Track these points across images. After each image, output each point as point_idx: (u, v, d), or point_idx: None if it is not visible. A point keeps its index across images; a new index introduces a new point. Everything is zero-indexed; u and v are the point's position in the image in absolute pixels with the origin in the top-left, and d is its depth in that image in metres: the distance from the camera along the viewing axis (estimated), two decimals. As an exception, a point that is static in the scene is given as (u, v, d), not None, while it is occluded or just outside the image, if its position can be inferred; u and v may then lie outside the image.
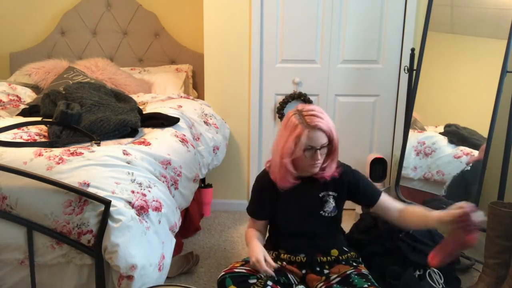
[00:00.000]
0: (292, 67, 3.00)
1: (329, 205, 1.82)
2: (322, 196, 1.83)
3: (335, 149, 1.76)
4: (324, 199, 1.83)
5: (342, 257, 1.83)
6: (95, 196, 1.52)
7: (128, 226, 1.53)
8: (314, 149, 1.68)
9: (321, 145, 1.69)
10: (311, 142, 1.67)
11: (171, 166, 2.02)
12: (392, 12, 2.88)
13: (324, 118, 1.69)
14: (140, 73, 3.48)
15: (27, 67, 3.28)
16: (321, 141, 1.68)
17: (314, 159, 1.70)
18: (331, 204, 1.83)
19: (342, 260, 1.82)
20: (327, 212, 1.82)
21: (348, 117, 3.05)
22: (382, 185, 2.94)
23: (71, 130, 2.04)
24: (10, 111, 2.62)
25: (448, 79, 2.66)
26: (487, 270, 2.09)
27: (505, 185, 2.24)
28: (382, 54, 2.95)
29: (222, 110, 3.04)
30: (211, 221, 3.01)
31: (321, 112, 1.71)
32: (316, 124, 1.66)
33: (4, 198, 1.57)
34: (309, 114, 1.68)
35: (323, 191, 1.83)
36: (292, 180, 1.77)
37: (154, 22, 3.57)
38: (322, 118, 1.68)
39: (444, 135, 2.64)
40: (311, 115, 1.68)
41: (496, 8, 2.38)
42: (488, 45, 2.44)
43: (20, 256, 1.59)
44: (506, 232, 2.01)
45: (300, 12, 2.92)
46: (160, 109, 2.51)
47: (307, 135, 1.66)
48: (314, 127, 1.66)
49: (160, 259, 1.65)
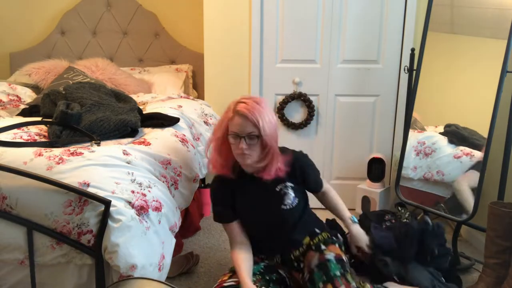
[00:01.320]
0: (292, 67, 3.00)
1: (289, 196, 1.80)
2: (280, 189, 1.81)
3: (267, 145, 1.70)
4: (282, 192, 1.80)
5: (313, 242, 1.81)
6: (95, 196, 1.52)
7: (128, 226, 1.53)
8: (239, 136, 1.68)
9: (246, 133, 1.67)
10: (233, 127, 1.69)
11: (171, 166, 2.02)
12: (392, 12, 2.88)
13: (255, 108, 1.67)
14: (140, 73, 3.48)
15: (27, 67, 3.27)
16: (246, 129, 1.67)
17: (239, 148, 1.68)
18: (290, 195, 1.80)
19: (312, 246, 1.80)
20: (288, 204, 1.80)
21: (348, 117, 3.05)
22: (382, 185, 2.94)
23: (71, 130, 2.04)
24: (10, 111, 2.62)
25: (448, 79, 2.66)
26: (487, 270, 2.08)
27: (505, 185, 2.24)
28: (382, 54, 2.95)
29: (222, 110, 2.97)
30: (211, 221, 3.00)
31: (257, 103, 1.70)
32: (241, 110, 1.67)
33: (4, 198, 1.57)
34: (243, 102, 1.70)
35: (279, 183, 1.81)
36: (225, 168, 1.79)
37: (154, 22, 3.57)
38: (252, 108, 1.67)
39: (444, 135, 2.63)
40: (244, 103, 1.69)
41: (496, 8, 2.38)
42: (488, 45, 2.44)
43: (20, 256, 1.59)
44: (506, 232, 2.01)
45: (300, 12, 2.92)
46: (160, 109, 2.51)
47: (231, 120, 1.69)
48: (238, 113, 1.68)
49: (160, 259, 1.65)
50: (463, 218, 2.34)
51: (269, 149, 1.72)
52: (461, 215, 2.38)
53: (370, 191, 2.91)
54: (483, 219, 2.22)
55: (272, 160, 1.74)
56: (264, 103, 1.73)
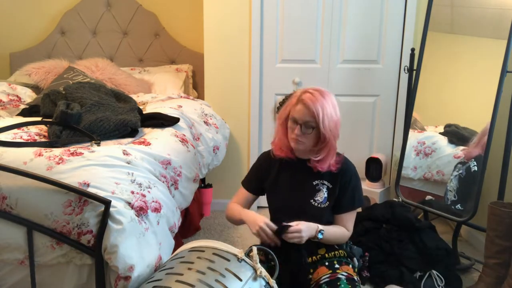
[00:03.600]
0: (292, 67, 3.00)
1: (321, 194, 1.81)
2: (316, 184, 1.82)
3: (325, 138, 1.74)
4: (317, 187, 1.82)
5: (328, 255, 1.80)
6: (95, 196, 1.52)
7: (127, 227, 1.53)
8: (297, 122, 1.75)
9: (304, 121, 1.73)
10: (294, 113, 1.77)
11: (171, 166, 2.02)
12: (392, 12, 2.88)
13: (318, 100, 1.73)
14: (140, 73, 3.48)
15: (27, 67, 3.27)
16: (304, 118, 1.73)
17: (294, 133, 1.75)
18: (323, 193, 1.81)
19: (326, 261, 1.79)
20: (317, 201, 1.80)
21: (348, 117, 3.05)
22: (382, 185, 2.94)
23: (71, 130, 2.04)
24: (10, 111, 2.61)
25: (448, 79, 2.66)
26: (487, 270, 2.09)
27: (505, 185, 2.24)
28: (382, 54, 2.95)
29: (222, 110, 3.04)
30: (211, 221, 3.01)
31: (321, 95, 1.75)
32: (305, 100, 1.74)
33: (4, 198, 1.57)
34: (309, 92, 1.76)
35: (317, 179, 1.83)
36: (285, 149, 1.85)
37: (154, 22, 3.57)
38: (316, 99, 1.73)
39: (444, 135, 2.64)
40: (309, 93, 1.75)
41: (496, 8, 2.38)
42: (488, 45, 2.44)
43: (20, 256, 1.59)
44: (506, 232, 2.01)
45: (300, 12, 2.92)
46: (160, 109, 2.51)
47: (294, 106, 1.77)
48: (302, 101, 1.74)
49: (157, 260, 1.65)
50: (463, 218, 2.34)
51: (327, 143, 1.76)
52: (461, 215, 2.38)
53: (370, 191, 2.91)
54: (483, 219, 2.22)
55: (328, 154, 1.78)
56: (329, 97, 1.77)
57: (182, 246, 1.62)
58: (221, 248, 1.51)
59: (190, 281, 1.35)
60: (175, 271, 1.42)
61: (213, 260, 1.44)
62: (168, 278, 1.40)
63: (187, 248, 1.56)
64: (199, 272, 1.40)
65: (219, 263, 1.44)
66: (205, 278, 1.37)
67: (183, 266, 1.44)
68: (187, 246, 1.58)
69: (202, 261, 1.45)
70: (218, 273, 1.40)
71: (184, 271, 1.41)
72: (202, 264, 1.43)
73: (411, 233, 2.27)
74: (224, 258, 1.46)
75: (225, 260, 1.45)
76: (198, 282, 1.35)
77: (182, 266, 1.44)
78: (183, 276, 1.38)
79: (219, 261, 1.45)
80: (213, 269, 1.41)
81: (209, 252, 1.48)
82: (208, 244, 1.53)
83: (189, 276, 1.38)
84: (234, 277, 1.40)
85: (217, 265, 1.43)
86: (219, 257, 1.46)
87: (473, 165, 2.39)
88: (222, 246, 1.51)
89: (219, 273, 1.40)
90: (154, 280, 1.43)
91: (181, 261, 1.47)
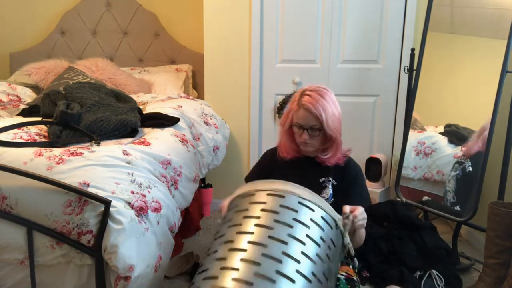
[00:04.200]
0: (292, 67, 3.00)
1: (327, 191, 1.82)
2: (323, 181, 1.83)
3: (332, 137, 1.76)
4: (323, 184, 1.83)
5: None
6: (95, 196, 1.52)
7: (127, 227, 1.53)
8: (302, 128, 1.75)
9: (309, 126, 1.74)
10: (298, 120, 1.76)
11: (171, 166, 2.02)
12: (392, 12, 2.88)
13: (319, 102, 1.72)
14: (140, 73, 3.48)
15: (27, 67, 3.27)
16: (309, 122, 1.74)
17: (302, 138, 1.76)
18: (329, 190, 1.82)
19: None
20: (324, 198, 1.80)
21: (348, 117, 3.04)
22: (382, 185, 2.94)
23: (71, 130, 2.04)
24: (10, 111, 2.62)
25: (448, 79, 2.66)
26: (487, 270, 2.09)
27: (505, 185, 2.24)
28: (382, 54, 2.95)
29: (222, 110, 3.04)
30: (211, 221, 3.01)
31: (320, 95, 1.74)
32: (306, 104, 1.73)
33: (4, 198, 1.57)
34: (307, 94, 1.75)
35: (324, 176, 1.84)
36: (292, 152, 1.85)
37: (154, 22, 3.57)
38: (316, 101, 1.72)
39: (444, 135, 2.63)
40: (309, 96, 1.75)
41: (496, 8, 2.38)
42: (488, 45, 2.44)
43: (20, 256, 1.59)
44: (506, 232, 2.01)
45: (300, 12, 2.92)
46: (160, 109, 2.51)
47: (296, 112, 1.75)
48: (303, 106, 1.74)
49: (157, 260, 1.65)
50: (463, 218, 2.34)
51: (333, 141, 1.78)
52: (461, 215, 2.38)
53: (370, 191, 2.91)
54: (483, 219, 2.22)
55: (336, 151, 1.80)
56: (328, 95, 1.77)
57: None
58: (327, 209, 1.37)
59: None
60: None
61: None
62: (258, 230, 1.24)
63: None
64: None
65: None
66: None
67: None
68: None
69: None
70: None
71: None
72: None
73: (412, 231, 2.27)
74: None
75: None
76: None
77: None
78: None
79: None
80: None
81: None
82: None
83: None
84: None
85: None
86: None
87: (468, 165, 2.39)
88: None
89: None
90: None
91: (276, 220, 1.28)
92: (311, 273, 1.18)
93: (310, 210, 1.33)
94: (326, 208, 1.40)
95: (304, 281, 1.15)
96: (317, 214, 1.34)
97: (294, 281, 1.14)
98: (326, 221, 1.34)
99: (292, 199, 1.34)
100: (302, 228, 1.27)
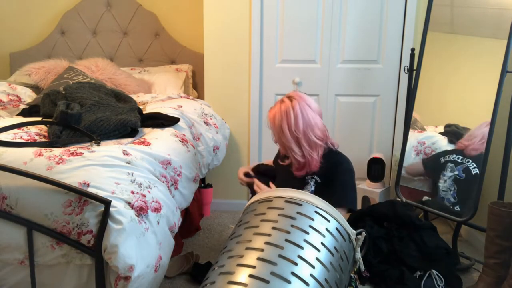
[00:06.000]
0: (292, 67, 3.00)
1: (308, 188, 1.87)
2: (305, 178, 1.92)
3: (307, 142, 1.85)
4: (306, 181, 1.90)
5: None
6: (95, 196, 1.52)
7: (127, 227, 1.53)
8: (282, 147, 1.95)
9: (280, 144, 1.92)
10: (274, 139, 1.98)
11: (171, 166, 2.02)
12: (392, 12, 2.88)
13: (275, 118, 1.87)
14: (140, 73, 3.48)
15: (27, 67, 3.27)
16: (279, 142, 1.93)
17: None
18: (310, 187, 1.86)
19: None
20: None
21: (348, 117, 3.05)
22: (382, 185, 2.94)
23: (71, 130, 2.04)
24: (10, 111, 2.62)
25: (448, 79, 2.66)
26: (487, 270, 2.09)
27: (505, 185, 2.24)
28: (382, 54, 2.95)
29: (222, 110, 3.04)
30: (211, 221, 3.01)
31: (279, 112, 1.87)
32: (269, 126, 1.94)
33: (4, 198, 1.57)
34: (268, 115, 1.94)
35: (309, 174, 1.92)
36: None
37: (154, 22, 3.57)
38: (274, 119, 1.89)
39: (444, 135, 2.63)
40: (269, 116, 1.94)
41: (496, 8, 2.38)
42: (488, 45, 2.44)
43: (20, 256, 1.59)
44: (506, 232, 2.01)
45: (300, 12, 2.92)
46: (160, 109, 2.51)
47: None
48: (268, 122, 1.95)
49: (157, 260, 1.65)
50: (463, 218, 2.34)
51: (310, 144, 1.86)
52: (461, 215, 2.38)
53: (370, 191, 2.91)
54: (483, 219, 2.22)
55: (310, 161, 1.87)
56: (292, 108, 1.85)
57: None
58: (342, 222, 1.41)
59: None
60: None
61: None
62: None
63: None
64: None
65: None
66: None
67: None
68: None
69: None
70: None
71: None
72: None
73: (412, 232, 2.27)
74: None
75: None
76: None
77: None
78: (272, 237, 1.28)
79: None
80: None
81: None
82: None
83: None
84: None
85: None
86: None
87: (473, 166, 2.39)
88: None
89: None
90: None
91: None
92: (324, 280, 1.20)
93: (325, 220, 1.36)
94: (341, 220, 1.41)
95: (318, 286, 1.17)
96: (332, 225, 1.37)
97: (308, 285, 1.15)
98: (340, 233, 1.37)
99: (308, 208, 1.38)
100: (318, 236, 1.30)
